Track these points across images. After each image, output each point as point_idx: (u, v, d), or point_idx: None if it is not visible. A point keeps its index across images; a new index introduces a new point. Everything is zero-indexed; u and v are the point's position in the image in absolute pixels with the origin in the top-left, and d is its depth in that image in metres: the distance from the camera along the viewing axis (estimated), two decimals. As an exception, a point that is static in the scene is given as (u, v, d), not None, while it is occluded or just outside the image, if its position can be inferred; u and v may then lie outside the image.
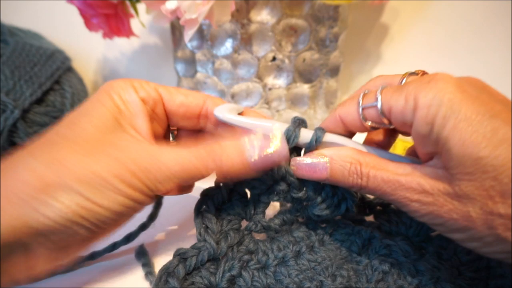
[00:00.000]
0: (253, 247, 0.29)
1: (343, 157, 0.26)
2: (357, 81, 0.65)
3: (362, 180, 0.25)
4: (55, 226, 0.22)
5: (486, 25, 0.59)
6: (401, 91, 0.25)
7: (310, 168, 0.27)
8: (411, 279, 0.27)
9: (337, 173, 0.26)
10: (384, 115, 0.26)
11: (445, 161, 0.22)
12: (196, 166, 0.25)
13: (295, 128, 0.28)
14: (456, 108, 0.22)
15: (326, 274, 0.27)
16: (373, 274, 0.28)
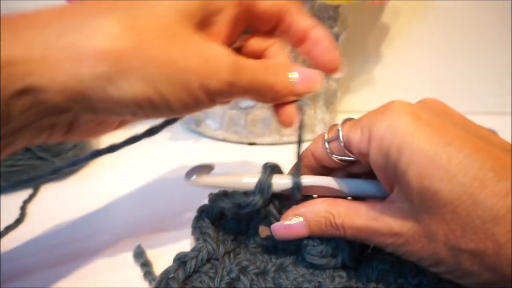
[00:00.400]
0: (250, 257, 0.29)
1: (316, 212, 0.26)
2: (357, 81, 0.65)
3: (339, 231, 0.25)
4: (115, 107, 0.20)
5: (486, 25, 0.59)
6: (358, 123, 0.25)
7: (289, 230, 0.27)
8: (412, 279, 0.27)
9: (315, 228, 0.26)
10: (346, 148, 0.26)
11: (407, 194, 0.22)
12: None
13: (267, 178, 0.27)
14: (409, 139, 0.21)
15: (325, 276, 0.27)
16: (373, 273, 0.28)
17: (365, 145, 0.24)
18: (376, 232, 0.24)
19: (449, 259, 0.21)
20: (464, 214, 0.20)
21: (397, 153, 0.22)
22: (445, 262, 0.21)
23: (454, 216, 0.20)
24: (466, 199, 0.20)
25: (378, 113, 0.24)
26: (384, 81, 0.64)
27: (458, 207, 0.20)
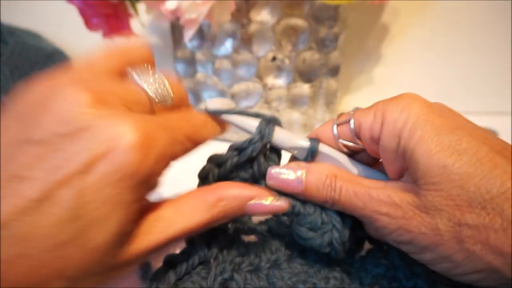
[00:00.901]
0: (243, 250, 0.28)
1: (320, 169, 0.26)
2: (357, 81, 0.65)
3: (335, 193, 0.25)
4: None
5: (486, 25, 0.59)
6: (371, 108, 0.26)
7: (285, 181, 0.26)
8: (407, 282, 0.27)
9: (312, 186, 0.26)
10: (356, 133, 0.26)
11: (413, 173, 0.22)
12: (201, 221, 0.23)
13: (268, 124, 0.27)
14: (422, 121, 0.22)
15: (319, 277, 0.27)
16: (366, 276, 0.27)
17: (377, 129, 0.24)
18: (374, 199, 0.24)
19: (449, 238, 0.21)
20: (473, 189, 0.20)
21: (409, 132, 0.22)
22: (444, 242, 0.21)
23: (461, 191, 0.20)
24: (477, 174, 0.20)
25: (391, 99, 0.24)
26: (384, 81, 0.64)
27: (467, 182, 0.20)
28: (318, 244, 0.26)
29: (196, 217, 0.23)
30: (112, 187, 0.18)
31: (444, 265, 0.22)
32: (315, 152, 0.27)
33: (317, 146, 0.27)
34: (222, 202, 0.24)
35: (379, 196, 0.23)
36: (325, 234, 0.26)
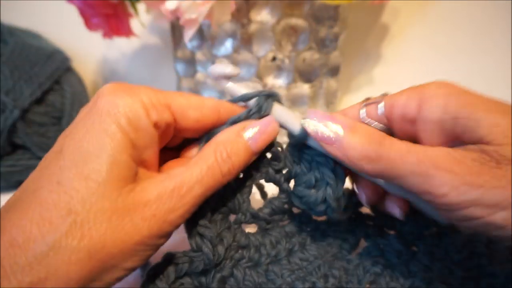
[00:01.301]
0: (244, 242, 0.28)
1: (366, 126, 0.25)
2: (357, 81, 0.65)
3: (384, 147, 0.23)
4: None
5: (486, 25, 0.59)
6: (402, 91, 0.26)
7: (326, 130, 0.24)
8: (404, 281, 0.27)
9: (355, 138, 0.23)
10: (386, 113, 0.27)
11: (472, 133, 0.22)
12: (214, 178, 0.24)
13: (266, 99, 0.27)
14: (463, 91, 0.23)
15: (319, 275, 0.27)
16: (364, 276, 0.28)
17: (412, 106, 0.25)
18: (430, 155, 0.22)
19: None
20: None
21: (456, 101, 0.23)
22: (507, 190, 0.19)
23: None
24: None
25: (420, 84, 0.26)
26: (383, 81, 0.64)
27: None
28: (313, 200, 0.27)
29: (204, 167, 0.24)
30: None
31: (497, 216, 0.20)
32: (304, 138, 0.27)
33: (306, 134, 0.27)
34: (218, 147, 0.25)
35: (437, 152, 0.22)
36: (319, 191, 0.27)
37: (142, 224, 0.21)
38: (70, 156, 0.21)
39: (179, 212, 0.23)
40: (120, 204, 0.21)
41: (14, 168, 0.44)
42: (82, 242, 0.20)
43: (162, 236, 0.23)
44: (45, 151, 0.44)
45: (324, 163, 0.27)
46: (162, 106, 0.24)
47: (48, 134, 0.45)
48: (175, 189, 0.22)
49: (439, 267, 0.29)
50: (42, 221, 0.20)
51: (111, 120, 0.22)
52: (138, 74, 0.69)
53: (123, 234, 0.21)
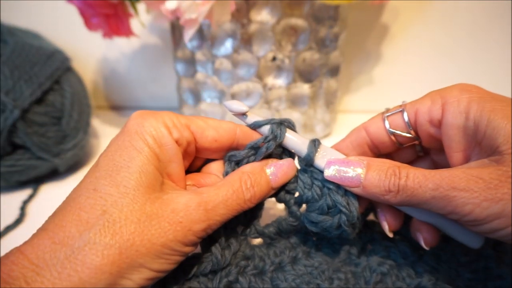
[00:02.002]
0: (249, 253, 0.29)
1: (380, 161, 0.26)
2: (357, 81, 0.65)
3: (401, 179, 0.24)
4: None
5: (486, 25, 0.59)
6: (424, 96, 0.27)
7: (346, 172, 0.26)
8: (410, 281, 0.27)
9: (373, 176, 0.25)
10: (409, 123, 0.27)
11: (491, 141, 0.23)
12: (237, 202, 0.26)
13: (280, 126, 0.29)
14: (487, 96, 0.24)
15: (323, 278, 0.27)
16: (371, 276, 0.28)
17: (437, 111, 0.26)
18: (447, 178, 0.22)
19: None
20: None
21: (478, 106, 0.24)
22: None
23: None
24: None
25: (442, 88, 0.26)
26: (383, 81, 0.64)
27: None
28: (329, 225, 0.28)
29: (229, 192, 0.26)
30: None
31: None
32: (311, 161, 0.28)
33: (312, 156, 0.28)
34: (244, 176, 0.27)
35: (454, 173, 0.22)
36: (334, 217, 0.27)
37: (168, 228, 0.23)
38: (105, 167, 0.24)
39: (203, 225, 0.24)
40: (148, 208, 0.23)
41: (14, 168, 0.44)
42: (114, 238, 0.22)
43: (187, 244, 0.24)
44: (45, 151, 0.45)
45: (335, 189, 0.28)
46: (183, 126, 0.27)
47: (48, 134, 0.45)
48: (202, 204, 0.25)
49: (446, 269, 0.29)
50: (80, 221, 0.22)
51: (138, 138, 0.25)
52: (138, 74, 0.69)
53: (150, 235, 0.23)
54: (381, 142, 0.29)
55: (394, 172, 0.25)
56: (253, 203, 0.27)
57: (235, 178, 0.27)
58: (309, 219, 0.28)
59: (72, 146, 0.47)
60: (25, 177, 0.46)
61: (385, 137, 0.29)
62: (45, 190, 0.46)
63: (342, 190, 0.28)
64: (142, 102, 0.71)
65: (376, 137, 0.29)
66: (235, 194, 0.26)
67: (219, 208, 0.25)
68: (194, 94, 0.55)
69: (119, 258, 0.21)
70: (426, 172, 0.24)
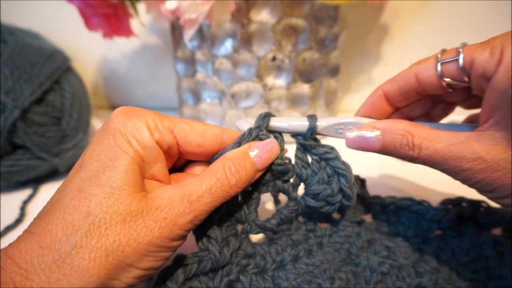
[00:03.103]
0: (250, 251, 0.29)
1: (394, 129, 0.27)
2: (357, 81, 0.65)
3: (414, 151, 0.26)
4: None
5: (486, 25, 0.59)
6: (487, 44, 0.25)
7: (363, 142, 0.28)
8: (410, 281, 0.27)
9: (389, 145, 0.27)
10: (464, 70, 0.26)
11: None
12: (222, 188, 0.26)
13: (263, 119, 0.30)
14: None
15: (324, 277, 0.27)
16: (371, 276, 0.28)
17: (493, 66, 0.24)
18: (456, 155, 0.24)
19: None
20: None
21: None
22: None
23: None
24: None
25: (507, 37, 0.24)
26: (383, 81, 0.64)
27: None
28: (330, 193, 0.29)
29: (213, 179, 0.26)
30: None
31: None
32: (314, 129, 0.30)
33: (315, 123, 0.29)
34: (227, 162, 0.27)
35: (462, 152, 0.24)
36: (333, 183, 0.29)
37: (153, 225, 0.23)
38: (90, 167, 0.24)
39: (189, 217, 0.24)
40: (133, 207, 0.23)
41: (14, 168, 0.44)
42: (100, 241, 0.22)
43: (174, 238, 0.24)
44: (45, 151, 0.45)
45: (333, 157, 0.29)
46: (165, 129, 0.27)
47: (48, 134, 0.45)
48: (185, 196, 0.24)
49: (446, 269, 0.29)
50: (65, 224, 0.22)
51: (122, 138, 0.25)
52: (138, 74, 0.69)
53: (136, 235, 0.23)
54: (431, 87, 0.29)
55: (407, 142, 0.26)
56: (240, 187, 0.27)
57: (218, 166, 0.26)
58: (310, 193, 0.29)
59: (72, 146, 0.47)
60: (25, 177, 0.46)
61: (436, 83, 0.28)
62: (45, 190, 0.46)
63: (339, 158, 0.30)
64: (142, 102, 0.71)
65: (427, 83, 0.29)
66: (219, 181, 0.26)
67: (204, 198, 0.25)
68: (194, 94, 0.55)
69: (106, 260, 0.22)
70: (437, 146, 0.25)
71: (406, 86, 0.30)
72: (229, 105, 0.51)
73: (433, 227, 0.30)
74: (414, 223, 0.31)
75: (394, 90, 0.31)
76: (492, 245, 0.29)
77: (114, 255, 0.22)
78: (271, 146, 0.29)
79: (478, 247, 0.30)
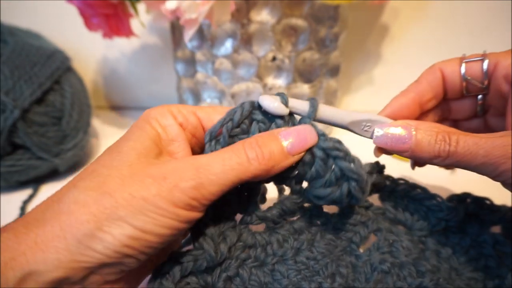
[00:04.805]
0: (251, 241, 0.28)
1: (428, 126, 0.26)
2: (357, 81, 0.65)
3: (451, 146, 0.25)
4: (104, 260, 0.21)
5: (486, 25, 0.59)
6: (510, 50, 0.26)
7: (395, 137, 0.27)
8: (411, 280, 0.27)
9: (423, 141, 0.26)
10: (487, 73, 0.27)
11: None
12: (238, 161, 0.24)
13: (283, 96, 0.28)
14: None
15: (326, 274, 0.27)
16: (372, 274, 0.27)
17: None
18: (499, 145, 0.24)
19: None
20: None
21: None
22: None
23: None
24: None
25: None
26: (383, 81, 0.64)
27: None
28: (338, 196, 0.26)
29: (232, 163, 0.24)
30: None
31: None
32: (315, 111, 0.27)
33: (316, 105, 0.27)
34: (247, 140, 0.25)
35: (504, 142, 0.24)
36: (343, 186, 0.26)
37: (151, 182, 0.22)
38: (107, 149, 0.26)
39: (193, 182, 0.22)
40: (135, 166, 0.23)
41: (14, 168, 0.44)
42: (95, 188, 0.22)
43: (177, 204, 0.22)
44: (45, 151, 0.45)
45: (342, 156, 0.25)
46: (189, 113, 0.28)
47: (48, 134, 0.45)
48: (194, 163, 0.24)
49: (447, 268, 0.29)
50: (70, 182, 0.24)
51: (143, 120, 0.27)
52: (138, 74, 0.69)
53: (131, 189, 0.22)
54: (452, 86, 0.29)
55: (443, 138, 0.25)
56: (261, 164, 0.24)
57: (238, 144, 0.25)
58: (317, 195, 0.26)
59: (72, 146, 0.47)
60: (25, 177, 0.46)
61: (457, 82, 0.29)
62: (45, 190, 0.46)
63: (349, 155, 0.26)
64: (142, 102, 0.71)
65: (449, 80, 0.29)
66: (234, 153, 0.24)
67: (214, 167, 0.23)
68: (194, 94, 0.55)
69: (97, 208, 0.21)
70: (476, 139, 0.24)
71: (434, 80, 0.30)
72: (229, 105, 0.51)
73: (441, 224, 0.30)
74: (423, 216, 0.30)
75: (425, 87, 0.30)
76: (492, 244, 0.29)
77: (106, 203, 0.21)
78: (309, 133, 0.26)
79: (478, 246, 0.29)
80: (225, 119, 0.27)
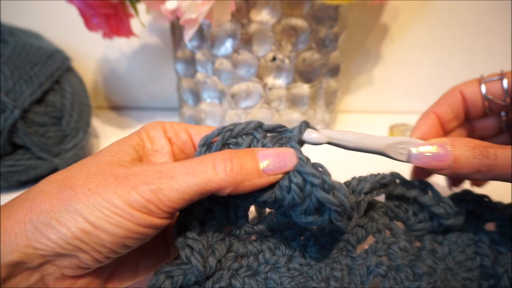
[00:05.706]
0: (242, 251, 0.27)
1: (463, 141, 0.26)
2: (357, 81, 0.65)
3: (490, 159, 0.25)
4: (58, 250, 0.22)
5: (487, 25, 0.59)
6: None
7: (434, 156, 0.26)
8: (408, 284, 0.27)
9: (461, 158, 0.26)
10: (508, 91, 0.27)
11: None
12: (203, 170, 0.23)
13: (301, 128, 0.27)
14: None
15: (320, 279, 0.27)
16: (368, 277, 0.27)
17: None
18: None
19: None
20: None
21: None
22: None
23: None
24: None
25: None
26: (383, 81, 0.64)
27: None
28: (321, 223, 0.24)
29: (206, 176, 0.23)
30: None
31: None
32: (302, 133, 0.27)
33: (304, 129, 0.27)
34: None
35: None
36: (324, 215, 0.24)
37: (113, 181, 0.23)
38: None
39: (152, 186, 0.22)
40: (104, 167, 0.24)
41: (14, 168, 0.44)
42: (63, 176, 0.24)
43: (133, 205, 0.22)
44: (45, 151, 0.45)
45: (319, 183, 0.23)
46: (181, 129, 0.29)
47: (48, 134, 0.45)
48: (158, 169, 0.23)
49: (443, 268, 0.28)
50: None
51: (135, 132, 0.28)
52: (138, 74, 0.69)
53: (93, 186, 0.23)
54: (474, 106, 0.30)
55: (481, 152, 0.25)
56: (228, 176, 0.23)
57: (210, 154, 0.24)
58: (298, 220, 0.25)
59: (72, 146, 0.47)
60: (25, 177, 0.46)
61: (479, 102, 0.29)
62: (45, 190, 0.46)
63: (328, 183, 0.23)
64: (142, 102, 0.71)
65: (470, 101, 0.29)
66: (202, 162, 0.23)
67: (176, 173, 0.22)
68: (194, 94, 0.55)
69: (58, 199, 0.22)
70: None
71: (454, 102, 0.30)
72: (229, 105, 0.51)
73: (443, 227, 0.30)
74: (426, 218, 0.30)
75: (445, 109, 0.31)
76: (488, 243, 0.29)
77: (66, 195, 0.22)
78: (288, 155, 0.25)
79: (474, 245, 0.29)
80: (224, 127, 0.27)
